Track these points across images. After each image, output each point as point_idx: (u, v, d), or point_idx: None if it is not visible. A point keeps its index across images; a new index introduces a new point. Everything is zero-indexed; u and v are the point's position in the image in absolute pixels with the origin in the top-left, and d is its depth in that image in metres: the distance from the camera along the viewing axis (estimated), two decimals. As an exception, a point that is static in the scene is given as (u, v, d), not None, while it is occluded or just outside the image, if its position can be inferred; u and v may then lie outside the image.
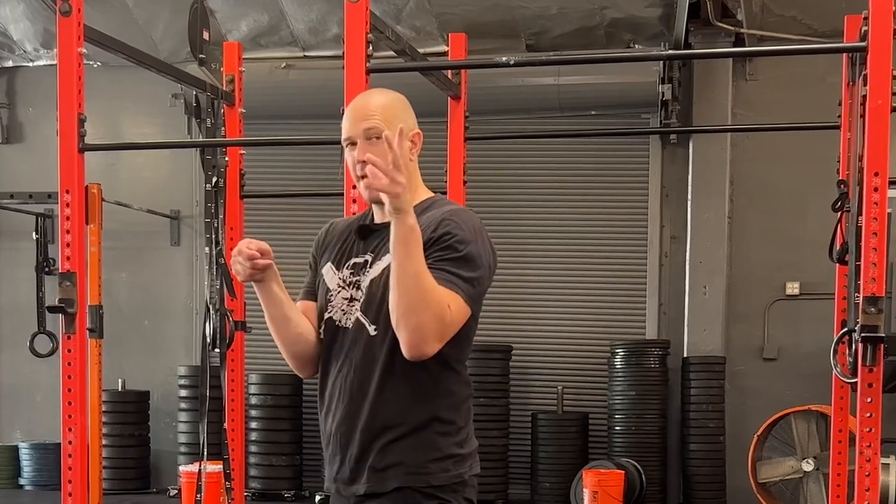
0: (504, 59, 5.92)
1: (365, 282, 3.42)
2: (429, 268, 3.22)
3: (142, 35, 10.79)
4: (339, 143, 6.46)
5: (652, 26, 10.86)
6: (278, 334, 3.55)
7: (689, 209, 10.99)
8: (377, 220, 3.53)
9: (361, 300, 3.41)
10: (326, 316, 3.50)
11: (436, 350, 3.22)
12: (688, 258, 10.99)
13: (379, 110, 3.43)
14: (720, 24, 10.56)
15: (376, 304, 3.37)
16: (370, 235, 3.51)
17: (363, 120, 3.42)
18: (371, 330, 3.37)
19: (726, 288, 10.95)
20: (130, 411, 11.44)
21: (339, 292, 3.47)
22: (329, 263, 3.56)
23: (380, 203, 3.49)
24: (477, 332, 3.48)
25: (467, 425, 3.45)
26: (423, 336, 3.19)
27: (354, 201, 5.70)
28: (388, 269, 3.33)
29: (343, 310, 3.44)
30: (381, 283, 3.36)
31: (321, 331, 3.52)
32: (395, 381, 3.33)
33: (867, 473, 5.37)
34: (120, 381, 11.34)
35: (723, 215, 10.94)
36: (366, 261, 3.45)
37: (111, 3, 10.58)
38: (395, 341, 3.31)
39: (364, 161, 3.39)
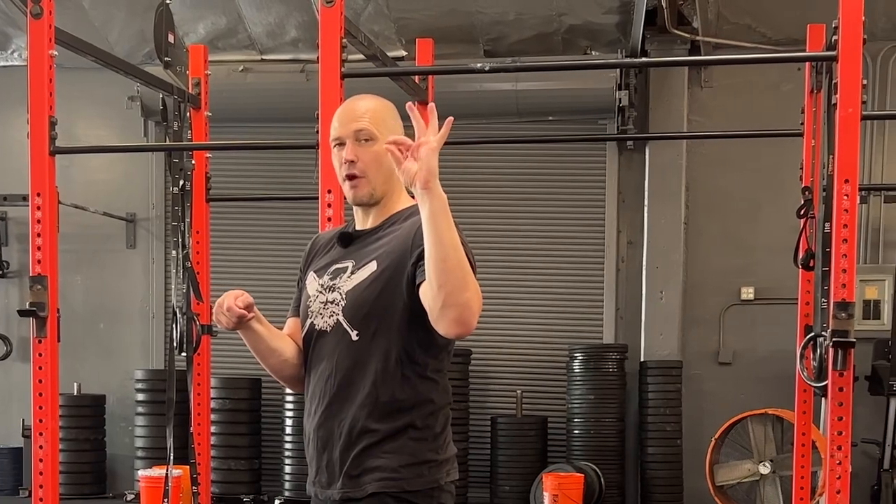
0: (479, 65, 5.95)
1: (346, 286, 3.42)
2: None
3: (97, 37, 10.67)
4: (307, 147, 6.51)
5: (609, 33, 10.93)
6: (264, 363, 3.59)
7: (645, 215, 11.06)
8: (358, 227, 3.56)
9: (343, 305, 3.41)
10: (308, 322, 3.51)
11: (472, 326, 3.14)
12: (644, 263, 11.07)
13: (368, 114, 3.46)
14: (676, 32, 10.64)
15: (362, 309, 3.38)
16: (352, 242, 3.52)
17: (353, 121, 3.45)
18: (353, 335, 3.38)
19: (682, 293, 11.04)
20: (86, 415, 11.33)
21: (317, 297, 3.49)
22: (312, 273, 3.57)
23: (364, 205, 3.52)
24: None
25: (444, 432, 3.46)
26: (472, 311, 3.11)
27: (329, 205, 5.69)
28: (374, 275, 3.37)
29: (321, 314, 3.45)
30: (366, 288, 3.37)
31: (303, 336, 3.55)
32: (373, 387, 3.34)
33: (838, 476, 5.45)
34: (75, 385, 11.22)
35: (679, 221, 11.03)
36: (346, 266, 3.46)
37: (66, 5, 10.45)
38: (377, 348, 3.35)
39: (352, 160, 3.43)
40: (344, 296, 3.41)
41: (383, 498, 3.36)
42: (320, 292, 3.48)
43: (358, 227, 3.55)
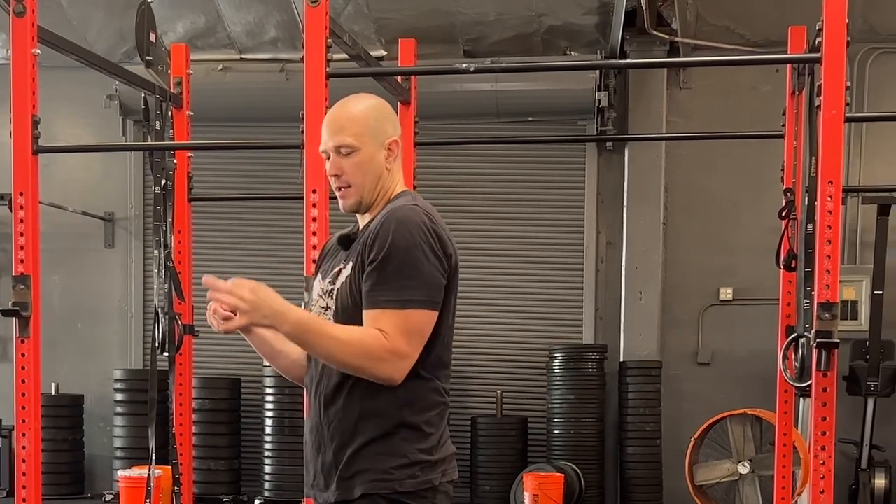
0: (464, 65, 5.95)
1: (336, 290, 3.44)
2: (372, 288, 3.29)
3: (75, 35, 10.61)
4: (293, 146, 6.49)
5: (588, 34, 10.95)
6: (273, 365, 3.65)
7: (624, 215, 11.09)
8: (360, 227, 3.56)
9: (333, 309, 3.44)
10: None
11: (404, 372, 3.29)
12: (624, 264, 11.10)
13: (352, 123, 3.44)
14: (655, 33, 10.68)
15: (343, 312, 3.40)
16: (351, 244, 3.52)
17: (335, 134, 3.44)
18: None
19: (661, 293, 11.07)
20: (64, 416, 11.23)
21: (317, 301, 3.52)
22: (319, 275, 3.60)
23: (356, 212, 3.54)
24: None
25: (438, 431, 3.45)
26: (378, 377, 3.29)
27: (315, 205, 5.68)
28: (349, 278, 3.39)
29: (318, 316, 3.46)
30: (345, 292, 3.40)
31: None
32: (361, 389, 3.35)
33: (822, 476, 5.48)
34: (53, 385, 11.14)
35: (658, 222, 11.06)
36: (341, 270, 3.47)
37: (44, 3, 10.32)
38: None
39: (336, 175, 3.46)
40: (334, 299, 3.44)
41: (375, 499, 3.36)
42: (321, 296, 3.51)
43: (360, 228, 3.56)
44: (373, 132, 3.44)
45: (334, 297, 3.43)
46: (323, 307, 3.47)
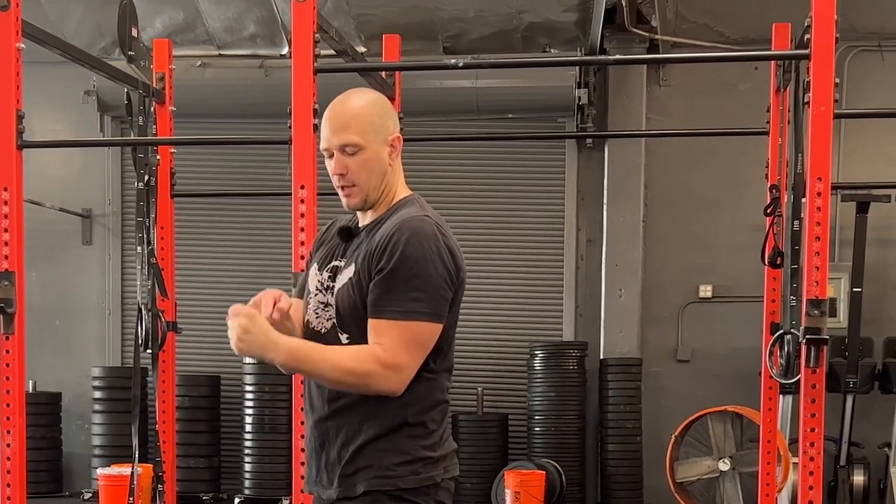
0: (453, 61, 5.94)
1: (336, 287, 3.41)
2: (379, 297, 3.27)
3: (53, 30, 10.53)
4: (279, 142, 6.47)
5: (568, 31, 10.95)
6: None
7: (604, 213, 11.09)
8: (360, 222, 3.53)
9: (334, 307, 3.41)
10: (306, 318, 3.50)
11: (402, 384, 3.28)
12: (604, 261, 11.11)
13: (356, 121, 3.37)
14: (635, 30, 10.69)
15: (346, 314, 3.38)
16: (352, 239, 3.50)
17: (339, 133, 3.38)
18: (343, 338, 3.38)
19: (641, 290, 11.08)
20: (42, 413, 11.14)
21: (316, 295, 3.47)
22: (315, 265, 3.55)
23: (360, 210, 3.50)
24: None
25: (440, 428, 3.44)
26: (377, 391, 3.29)
27: (303, 201, 5.66)
28: (352, 280, 3.36)
29: (318, 314, 3.44)
30: (347, 293, 3.37)
31: (302, 330, 3.52)
32: None
33: (811, 472, 5.49)
34: (30, 382, 11.04)
35: (637, 219, 11.07)
36: (340, 265, 3.44)
37: (23, -2, 10.36)
38: None
39: (341, 174, 3.41)
40: (334, 297, 3.41)
41: (377, 496, 3.34)
42: (319, 291, 3.47)
43: (360, 223, 3.54)
44: (377, 129, 3.39)
45: (335, 297, 3.40)
46: (322, 303, 3.43)
